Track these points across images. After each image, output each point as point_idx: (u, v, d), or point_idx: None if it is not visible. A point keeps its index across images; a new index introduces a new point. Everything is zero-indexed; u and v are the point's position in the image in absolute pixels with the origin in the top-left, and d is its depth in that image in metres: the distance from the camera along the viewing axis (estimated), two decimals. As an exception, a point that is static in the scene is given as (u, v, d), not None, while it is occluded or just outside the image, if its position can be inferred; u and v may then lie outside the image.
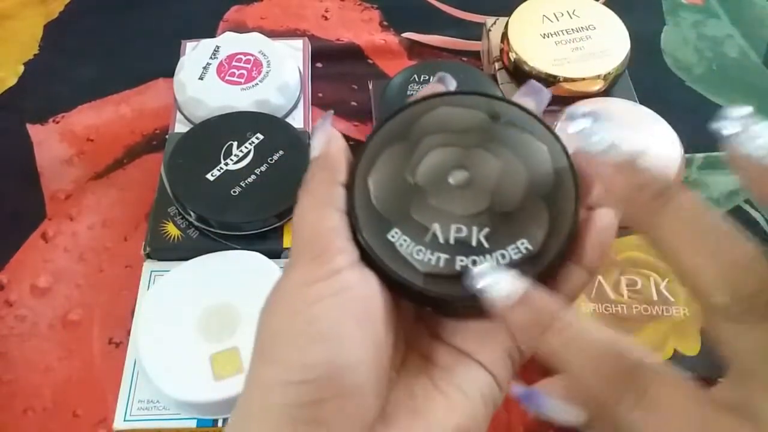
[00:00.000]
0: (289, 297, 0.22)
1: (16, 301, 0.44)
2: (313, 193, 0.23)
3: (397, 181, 0.23)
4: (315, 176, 0.24)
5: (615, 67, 0.48)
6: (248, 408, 0.23)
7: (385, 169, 0.23)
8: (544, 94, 0.26)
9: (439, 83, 0.27)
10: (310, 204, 0.23)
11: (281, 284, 0.23)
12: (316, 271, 0.22)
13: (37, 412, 0.40)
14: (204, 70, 0.49)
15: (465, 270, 0.22)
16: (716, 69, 0.57)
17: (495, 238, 0.22)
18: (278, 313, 0.23)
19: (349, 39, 0.59)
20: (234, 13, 0.61)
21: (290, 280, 0.23)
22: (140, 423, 0.37)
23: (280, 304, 0.23)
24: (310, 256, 0.22)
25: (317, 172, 0.24)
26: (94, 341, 0.43)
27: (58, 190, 0.49)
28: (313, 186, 0.24)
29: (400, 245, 0.22)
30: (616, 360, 0.19)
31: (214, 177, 0.42)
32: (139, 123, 0.53)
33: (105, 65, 0.57)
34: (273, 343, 0.23)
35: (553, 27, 0.50)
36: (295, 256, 0.23)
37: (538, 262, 0.22)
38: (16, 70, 0.56)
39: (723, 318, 0.19)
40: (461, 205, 0.22)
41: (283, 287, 0.23)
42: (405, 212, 0.23)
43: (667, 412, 0.19)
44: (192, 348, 0.37)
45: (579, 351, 0.20)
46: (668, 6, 0.62)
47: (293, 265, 0.23)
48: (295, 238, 0.23)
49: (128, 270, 0.45)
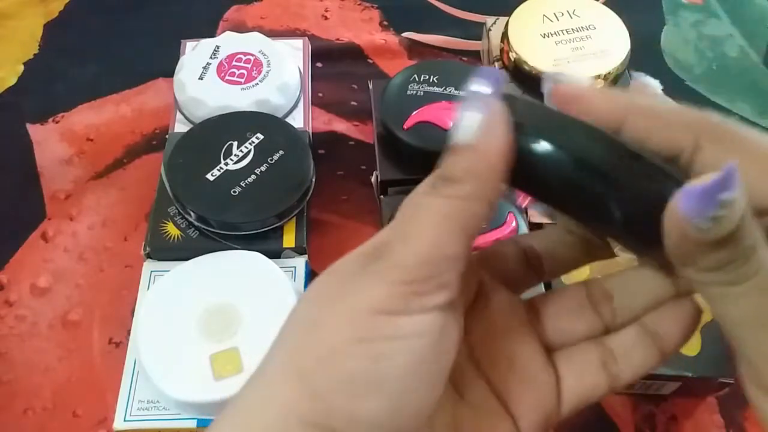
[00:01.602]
0: (356, 313, 0.18)
1: (16, 301, 0.44)
2: (450, 203, 0.18)
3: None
4: (458, 180, 0.19)
5: (615, 67, 0.48)
6: (254, 420, 0.19)
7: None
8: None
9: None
10: (439, 213, 0.18)
11: (351, 283, 0.19)
12: (408, 299, 0.18)
13: (37, 412, 0.40)
14: (204, 69, 0.49)
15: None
16: (716, 69, 0.57)
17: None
18: (334, 323, 0.18)
19: (349, 39, 0.58)
20: (234, 12, 0.61)
21: (367, 291, 0.18)
22: (140, 423, 0.37)
23: (341, 313, 0.18)
24: (407, 277, 0.18)
25: (463, 175, 0.19)
26: (94, 341, 0.43)
27: (58, 190, 0.49)
28: (452, 192, 0.19)
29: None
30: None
31: (214, 177, 0.42)
32: (139, 123, 0.53)
33: (105, 65, 0.57)
34: (317, 363, 0.18)
35: (553, 27, 0.50)
36: (387, 258, 0.18)
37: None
38: (15, 69, 0.56)
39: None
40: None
41: (353, 291, 0.19)
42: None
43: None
44: (192, 348, 0.37)
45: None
46: (668, 6, 0.62)
47: (380, 269, 0.18)
48: (400, 240, 0.19)
49: (128, 270, 0.45)
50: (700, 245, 0.17)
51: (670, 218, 0.17)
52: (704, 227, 0.17)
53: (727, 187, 0.16)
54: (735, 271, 0.18)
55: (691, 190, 0.17)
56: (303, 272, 0.42)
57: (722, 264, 0.18)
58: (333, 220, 0.48)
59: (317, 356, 0.18)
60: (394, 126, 0.44)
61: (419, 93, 0.45)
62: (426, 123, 0.44)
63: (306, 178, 0.43)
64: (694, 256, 0.18)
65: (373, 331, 0.18)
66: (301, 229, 0.43)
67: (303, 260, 0.43)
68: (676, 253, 0.18)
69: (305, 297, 0.20)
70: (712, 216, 0.16)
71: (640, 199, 0.19)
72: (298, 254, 0.43)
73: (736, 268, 0.18)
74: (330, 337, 0.18)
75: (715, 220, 0.17)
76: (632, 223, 0.20)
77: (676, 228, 0.17)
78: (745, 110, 0.55)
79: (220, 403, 0.36)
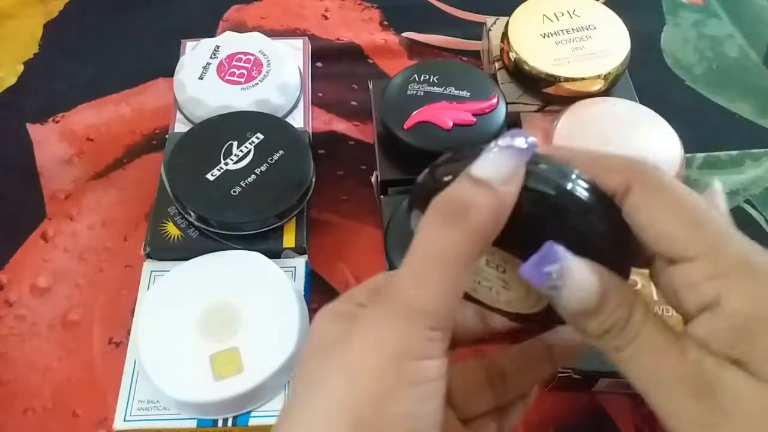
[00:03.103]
0: (387, 361, 0.19)
1: (16, 301, 0.44)
2: (463, 242, 0.19)
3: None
4: (476, 211, 0.19)
5: (615, 67, 0.48)
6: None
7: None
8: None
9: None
10: (455, 259, 0.19)
11: (368, 324, 0.20)
12: (434, 344, 0.19)
13: (37, 412, 0.40)
14: (204, 69, 0.49)
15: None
16: (716, 69, 0.57)
17: None
18: (373, 369, 0.19)
19: (349, 39, 0.58)
20: (234, 12, 0.61)
21: (393, 334, 0.19)
22: (140, 423, 0.37)
23: (378, 358, 0.19)
24: (428, 322, 0.19)
25: (483, 209, 0.19)
26: (94, 341, 0.43)
27: (58, 189, 0.49)
28: (468, 228, 0.19)
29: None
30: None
31: (214, 177, 0.42)
32: (139, 123, 0.53)
33: (105, 65, 0.57)
34: (371, 409, 0.19)
35: (554, 27, 0.50)
36: (401, 300, 0.19)
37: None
38: (15, 69, 0.56)
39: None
40: None
41: (379, 335, 0.19)
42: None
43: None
44: (192, 348, 0.37)
45: None
46: (668, 6, 0.62)
47: (399, 312, 0.19)
48: (416, 284, 0.19)
49: (128, 270, 0.45)
50: (573, 315, 0.20)
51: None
52: (551, 294, 0.20)
53: (548, 262, 0.19)
54: (617, 336, 0.20)
55: (525, 264, 0.20)
56: (303, 272, 0.42)
57: (602, 331, 0.20)
58: (333, 220, 0.48)
59: (369, 404, 0.19)
60: (394, 126, 0.44)
61: (419, 93, 0.45)
62: (426, 123, 0.44)
63: (306, 178, 0.43)
64: (578, 325, 0.21)
65: (413, 375, 0.19)
66: (301, 229, 0.43)
67: (303, 260, 0.43)
68: (568, 320, 0.21)
69: (314, 345, 0.21)
70: (548, 285, 0.19)
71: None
72: (298, 254, 0.43)
73: (616, 334, 0.20)
74: (375, 385, 0.19)
75: (554, 289, 0.19)
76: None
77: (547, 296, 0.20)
78: (745, 110, 0.55)
79: (220, 403, 0.36)
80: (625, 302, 0.20)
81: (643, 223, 0.20)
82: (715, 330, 0.19)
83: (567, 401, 0.40)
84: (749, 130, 0.53)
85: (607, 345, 0.20)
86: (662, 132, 0.45)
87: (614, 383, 0.39)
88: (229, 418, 0.37)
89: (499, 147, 0.20)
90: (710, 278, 0.19)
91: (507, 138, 0.20)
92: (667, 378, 0.19)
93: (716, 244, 0.19)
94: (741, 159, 0.51)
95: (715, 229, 0.19)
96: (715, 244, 0.19)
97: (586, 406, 0.40)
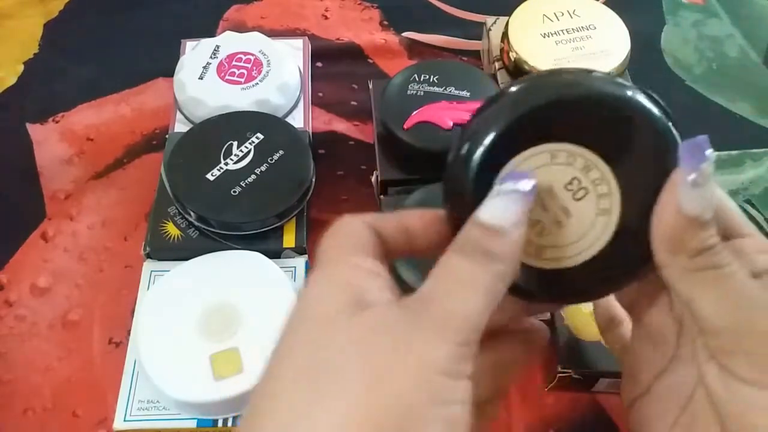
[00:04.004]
0: (426, 371, 0.18)
1: (16, 301, 0.44)
2: (491, 279, 0.20)
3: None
4: (499, 259, 0.20)
5: (615, 67, 0.48)
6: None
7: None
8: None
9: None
10: (484, 286, 0.20)
11: (405, 333, 0.19)
12: (465, 362, 0.19)
13: (37, 412, 0.40)
14: (204, 69, 0.49)
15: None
16: (716, 69, 0.57)
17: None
18: (405, 379, 0.18)
19: (349, 38, 0.58)
20: (234, 12, 0.61)
21: (431, 347, 0.19)
22: (140, 423, 0.37)
23: (409, 367, 0.18)
24: (463, 339, 0.19)
25: (506, 257, 0.20)
26: (94, 341, 0.43)
27: (58, 189, 0.49)
28: (494, 270, 0.20)
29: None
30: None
31: (214, 177, 0.42)
32: (139, 123, 0.53)
33: (105, 65, 0.57)
34: (395, 421, 0.18)
35: (554, 27, 0.50)
36: (439, 315, 0.19)
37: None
38: (15, 69, 0.56)
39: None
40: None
41: (414, 344, 0.19)
42: None
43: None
44: (192, 348, 0.37)
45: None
46: (668, 6, 0.62)
47: (435, 324, 0.19)
48: (450, 300, 0.20)
49: (128, 270, 0.45)
50: (690, 225, 0.21)
51: (668, 198, 0.21)
52: (691, 189, 0.21)
53: (704, 150, 0.21)
54: (719, 253, 0.21)
55: (686, 144, 0.21)
56: (303, 272, 0.42)
57: (708, 246, 0.21)
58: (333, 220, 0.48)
59: (396, 414, 0.18)
60: (394, 126, 0.44)
61: (419, 93, 0.45)
62: (426, 123, 0.44)
63: (306, 178, 0.43)
64: (683, 240, 0.21)
65: (444, 392, 0.19)
66: (301, 229, 0.43)
67: (303, 260, 0.43)
68: (669, 239, 0.21)
69: (314, 321, 0.20)
70: (701, 169, 0.20)
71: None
72: (298, 254, 0.43)
73: (719, 252, 0.21)
74: (405, 395, 0.18)
75: (696, 184, 0.21)
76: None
77: (671, 206, 0.21)
78: (745, 110, 0.55)
79: (220, 403, 0.36)
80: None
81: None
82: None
83: (567, 401, 0.40)
84: (749, 130, 0.53)
85: (707, 262, 0.21)
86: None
87: (614, 383, 0.39)
88: (229, 418, 0.37)
89: (504, 192, 0.21)
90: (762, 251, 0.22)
91: (509, 182, 0.21)
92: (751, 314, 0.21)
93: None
94: (741, 159, 0.51)
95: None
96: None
97: (586, 406, 0.40)
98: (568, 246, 0.23)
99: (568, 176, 0.22)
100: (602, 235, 0.23)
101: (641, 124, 0.22)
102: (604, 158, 0.22)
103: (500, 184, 0.21)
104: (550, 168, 0.22)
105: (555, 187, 0.22)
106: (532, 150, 0.22)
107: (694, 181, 0.21)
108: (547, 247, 0.23)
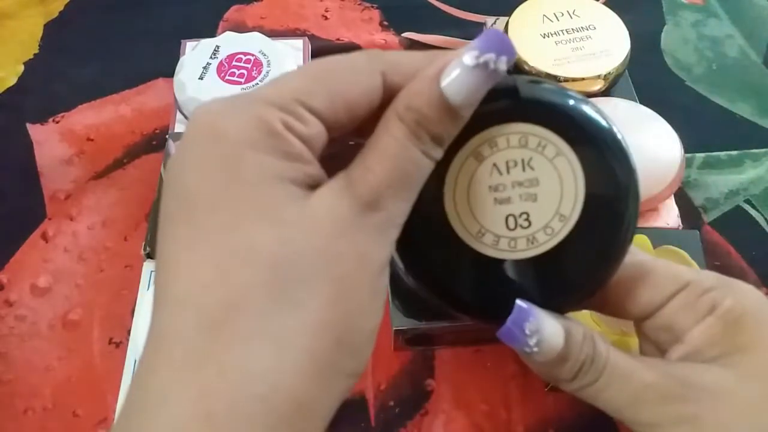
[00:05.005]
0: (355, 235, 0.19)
1: (16, 301, 0.44)
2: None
3: None
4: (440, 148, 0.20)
5: (615, 67, 0.48)
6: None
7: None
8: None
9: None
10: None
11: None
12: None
13: (37, 412, 0.40)
14: (204, 69, 0.49)
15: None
16: (716, 69, 0.57)
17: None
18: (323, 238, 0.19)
19: (349, 39, 0.58)
20: (234, 12, 0.61)
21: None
22: (140, 423, 0.36)
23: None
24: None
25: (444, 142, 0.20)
26: (94, 341, 0.43)
27: (58, 189, 0.49)
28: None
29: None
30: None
31: (214, 177, 0.42)
32: (139, 123, 0.53)
33: (105, 65, 0.57)
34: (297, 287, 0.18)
35: (553, 27, 0.50)
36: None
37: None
38: (16, 69, 0.56)
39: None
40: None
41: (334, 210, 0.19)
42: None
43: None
44: (192, 348, 0.37)
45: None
46: (668, 6, 0.62)
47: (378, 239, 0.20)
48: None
49: (128, 270, 0.45)
50: (545, 366, 0.23)
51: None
52: (530, 352, 0.22)
53: (524, 319, 0.22)
54: (589, 371, 0.23)
55: (503, 328, 0.22)
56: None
57: (576, 371, 0.23)
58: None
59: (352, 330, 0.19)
60: (394, 126, 0.44)
61: (419, 93, 0.45)
62: (426, 123, 0.44)
63: (306, 178, 0.43)
64: (552, 374, 0.23)
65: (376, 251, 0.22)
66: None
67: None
68: (541, 374, 0.24)
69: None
70: (529, 343, 0.22)
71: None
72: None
73: (587, 369, 0.23)
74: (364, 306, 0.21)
75: (532, 346, 0.22)
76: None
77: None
78: (745, 110, 0.55)
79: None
80: (586, 337, 0.23)
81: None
82: (711, 332, 0.23)
83: (567, 401, 0.40)
84: (749, 130, 0.53)
85: (583, 382, 0.23)
86: (662, 132, 0.45)
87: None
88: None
89: (468, 65, 0.19)
90: (704, 293, 0.23)
91: (474, 51, 0.18)
92: (646, 391, 0.23)
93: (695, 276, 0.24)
94: (741, 159, 0.51)
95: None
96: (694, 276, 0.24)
97: (586, 406, 0.40)
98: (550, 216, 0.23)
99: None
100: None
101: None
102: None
103: (468, 52, 0.19)
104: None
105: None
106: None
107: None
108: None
